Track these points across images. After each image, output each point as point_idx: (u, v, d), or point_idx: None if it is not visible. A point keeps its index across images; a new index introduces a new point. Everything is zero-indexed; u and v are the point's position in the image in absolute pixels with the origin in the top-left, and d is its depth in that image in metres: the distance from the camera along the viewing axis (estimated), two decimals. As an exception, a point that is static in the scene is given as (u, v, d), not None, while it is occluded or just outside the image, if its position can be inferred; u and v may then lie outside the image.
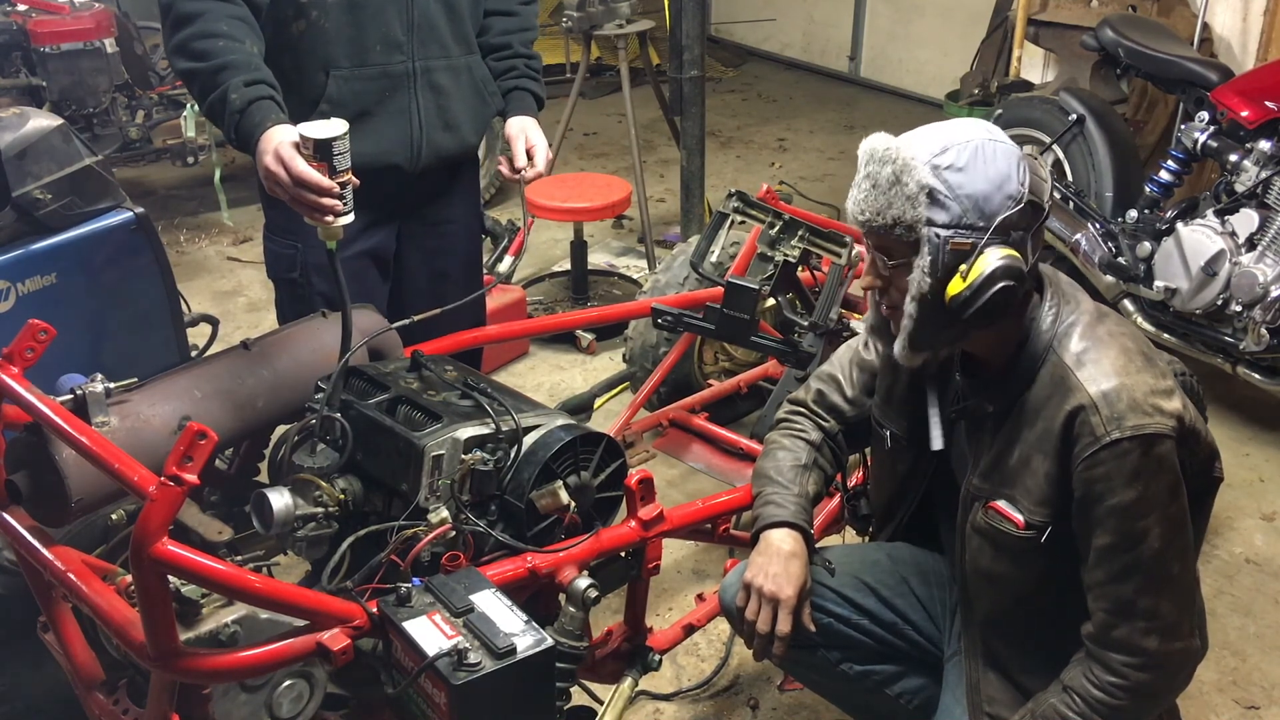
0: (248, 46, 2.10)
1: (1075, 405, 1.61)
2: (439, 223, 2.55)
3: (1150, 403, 1.59)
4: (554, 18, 6.20)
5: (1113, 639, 1.65)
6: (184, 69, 2.12)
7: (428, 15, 2.32)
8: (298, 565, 2.11)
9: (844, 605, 1.96)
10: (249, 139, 2.03)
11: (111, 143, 4.90)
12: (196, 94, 2.13)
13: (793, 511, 1.90)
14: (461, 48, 2.40)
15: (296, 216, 1.97)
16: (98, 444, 1.57)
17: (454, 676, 1.44)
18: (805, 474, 1.97)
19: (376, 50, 2.27)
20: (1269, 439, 3.57)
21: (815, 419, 2.06)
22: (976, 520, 1.76)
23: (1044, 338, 1.68)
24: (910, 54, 7.02)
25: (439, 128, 2.38)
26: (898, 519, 2.02)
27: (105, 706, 1.79)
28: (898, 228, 1.60)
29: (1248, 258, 3.26)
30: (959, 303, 1.59)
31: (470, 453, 1.82)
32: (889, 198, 1.59)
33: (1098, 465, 1.59)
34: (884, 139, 1.62)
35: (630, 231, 5.18)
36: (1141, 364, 1.64)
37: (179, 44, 2.11)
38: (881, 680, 2.00)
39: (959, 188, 1.57)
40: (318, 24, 2.23)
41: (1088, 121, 3.80)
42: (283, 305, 2.52)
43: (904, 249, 1.62)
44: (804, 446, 2.01)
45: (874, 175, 1.60)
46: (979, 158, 1.58)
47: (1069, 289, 1.73)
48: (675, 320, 2.59)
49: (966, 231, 1.58)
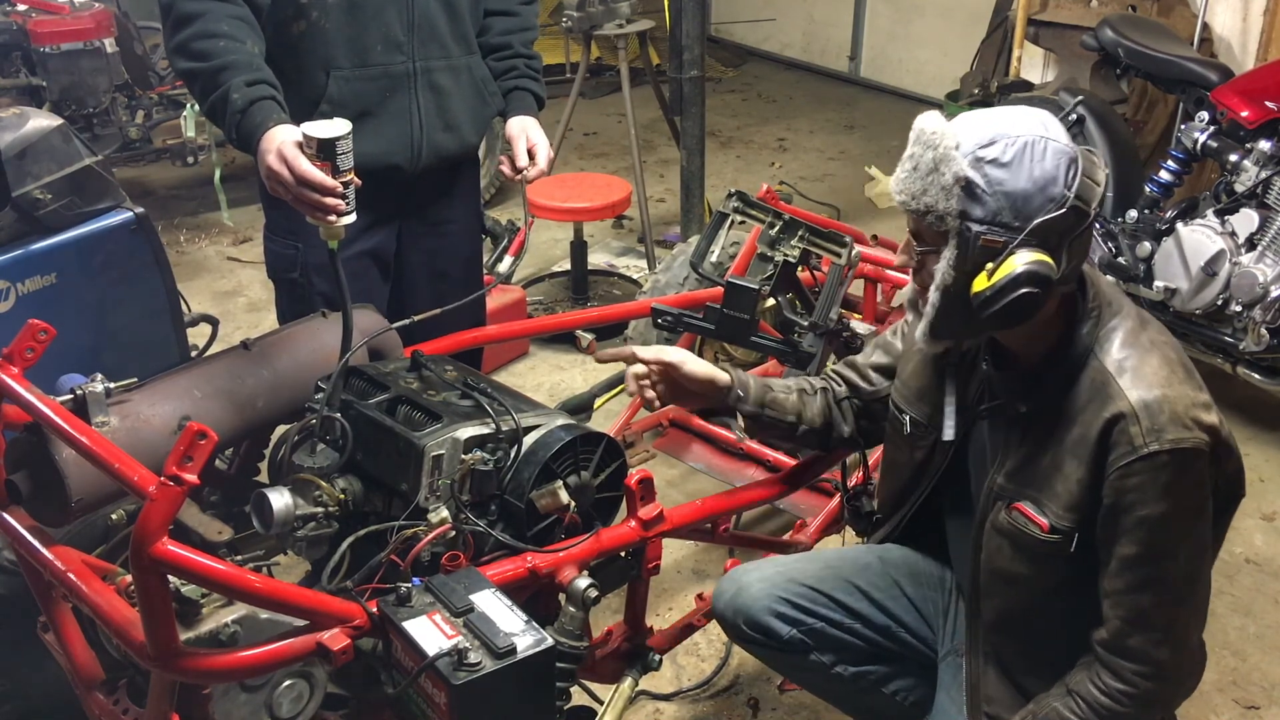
0: (249, 46, 2.10)
1: (1115, 413, 1.59)
2: (439, 223, 2.55)
3: (1190, 416, 1.57)
4: (554, 18, 6.20)
5: (1126, 647, 1.64)
6: (185, 69, 2.12)
7: (428, 15, 2.32)
8: (298, 565, 2.11)
9: (836, 609, 1.96)
10: (250, 139, 2.02)
11: (111, 143, 4.90)
12: (197, 94, 2.13)
13: (735, 372, 2.00)
14: (462, 48, 2.40)
15: (297, 216, 1.97)
16: (98, 444, 1.57)
17: (454, 676, 1.44)
18: (781, 387, 2.05)
19: (377, 50, 2.27)
20: (1269, 439, 3.57)
21: (828, 380, 2.12)
22: (998, 520, 1.74)
23: (1085, 341, 1.65)
24: (910, 54, 7.02)
25: (439, 128, 2.38)
26: (907, 508, 2.01)
27: (105, 706, 1.79)
28: (930, 215, 1.57)
29: (1248, 258, 3.26)
30: (980, 301, 1.57)
31: (470, 453, 1.82)
32: (925, 184, 1.56)
33: (1132, 475, 1.57)
34: (935, 121, 1.59)
35: (630, 231, 5.18)
36: (1183, 375, 1.62)
37: (179, 44, 2.10)
38: (876, 680, 2.00)
39: (999, 184, 1.53)
40: (318, 24, 2.23)
41: (1088, 121, 3.79)
42: (283, 305, 2.52)
43: (935, 237, 1.60)
44: (801, 382, 2.10)
45: (916, 157, 1.58)
46: (1026, 155, 1.53)
47: (1111, 292, 1.71)
48: (675, 320, 2.59)
49: (1000, 230, 1.54)
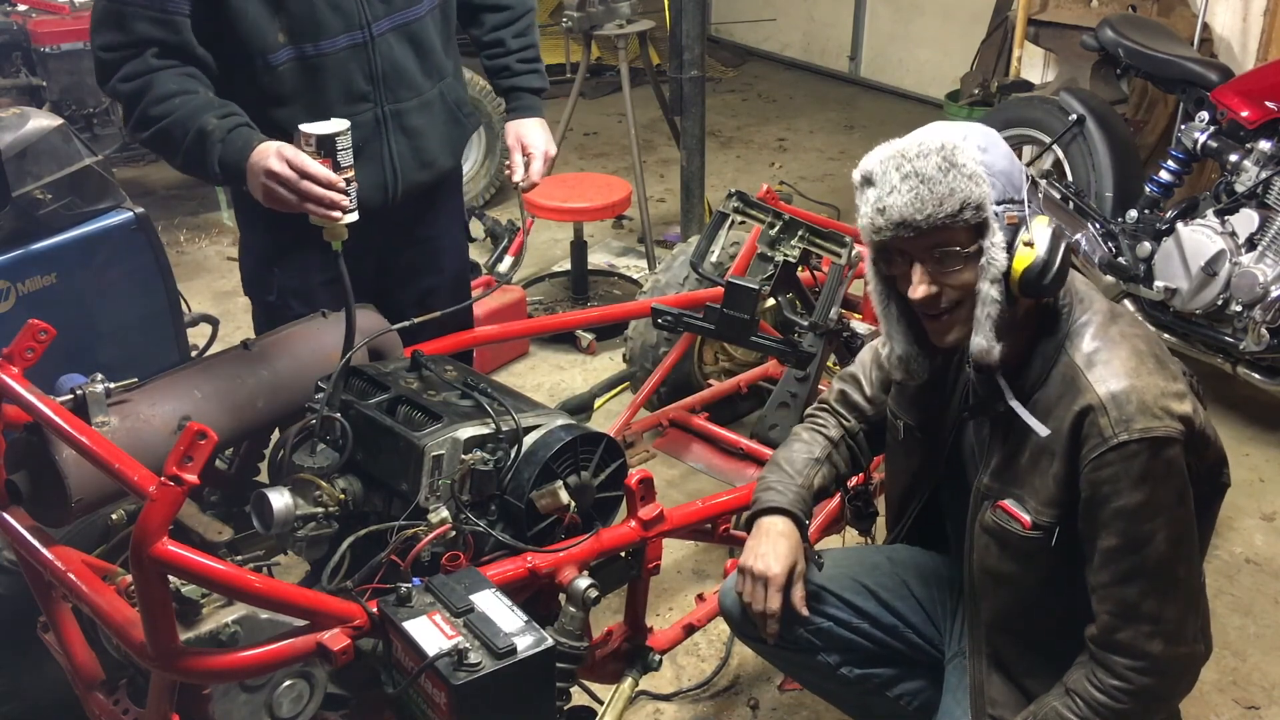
0: (204, 94, 2.02)
1: (1084, 405, 1.60)
2: (423, 240, 2.47)
3: (1160, 405, 1.58)
4: (554, 18, 6.21)
5: (1116, 642, 1.64)
6: (149, 137, 2.02)
7: (393, 61, 2.21)
8: (298, 565, 2.11)
9: (844, 609, 1.96)
10: (238, 162, 1.95)
11: (111, 143, 4.91)
12: (170, 151, 2.03)
13: (789, 499, 1.91)
14: (432, 80, 2.30)
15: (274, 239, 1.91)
16: (98, 444, 1.57)
17: (454, 676, 1.44)
18: (816, 467, 1.98)
19: (339, 105, 2.15)
20: (1269, 439, 3.57)
21: (838, 416, 2.07)
22: (985, 519, 1.76)
23: (1056, 337, 1.68)
24: (910, 54, 7.02)
25: (415, 168, 2.31)
26: (909, 513, 2.02)
27: (105, 706, 1.79)
28: (965, 210, 1.57)
29: (1248, 258, 3.26)
30: (1035, 272, 1.58)
31: (470, 453, 1.82)
32: (949, 184, 1.56)
33: (1105, 466, 1.59)
34: (901, 142, 1.61)
35: (630, 231, 5.18)
36: (1153, 366, 1.63)
37: (137, 120, 2.01)
38: (881, 683, 2.00)
39: (993, 165, 1.59)
40: (272, 89, 2.12)
41: (1088, 121, 3.80)
42: (259, 323, 2.43)
43: (967, 236, 1.60)
44: (821, 441, 2.02)
45: (918, 172, 1.57)
46: (989, 140, 1.62)
47: (1084, 288, 1.73)
48: (675, 320, 2.59)
49: (1012, 206, 1.60)
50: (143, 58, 2.00)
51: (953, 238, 1.60)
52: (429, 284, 2.51)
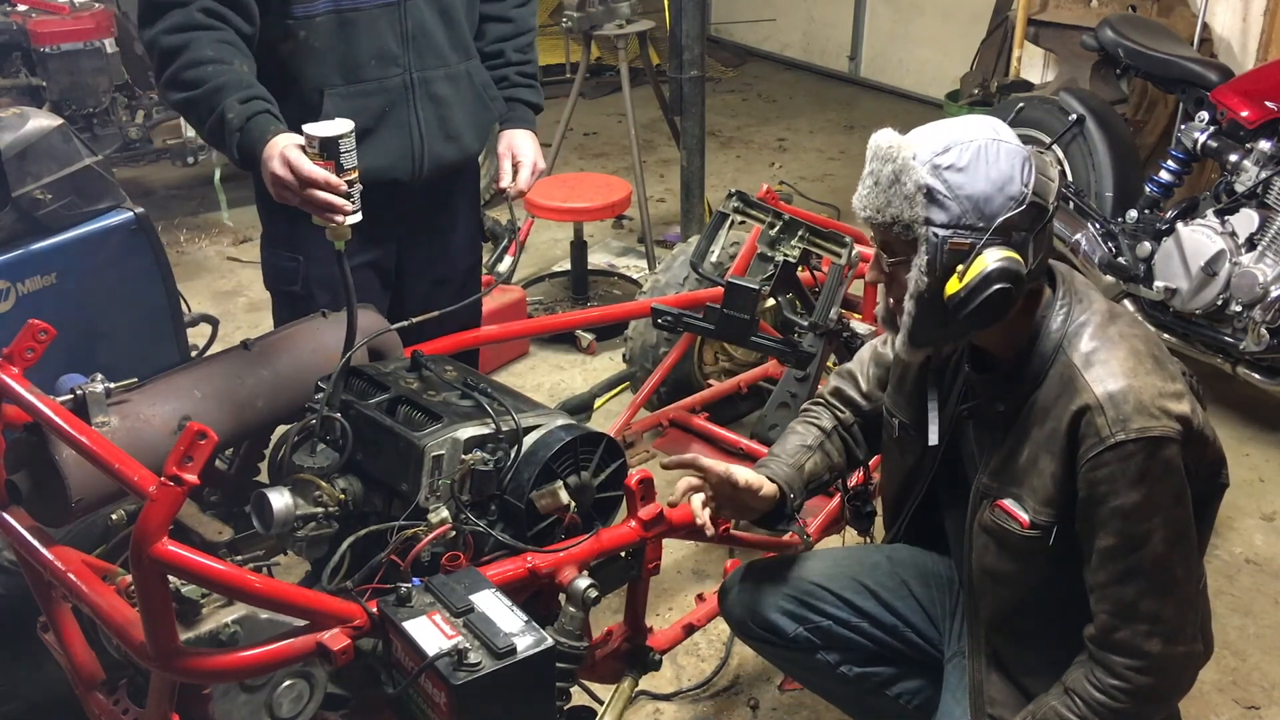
0: (237, 67, 2.06)
1: (1081, 405, 1.61)
2: (441, 230, 2.52)
3: (1157, 405, 1.59)
4: (554, 18, 6.20)
5: (1114, 641, 1.64)
6: (178, 100, 2.07)
7: (423, 25, 2.27)
8: (298, 565, 2.11)
9: (843, 608, 1.97)
10: (253, 153, 1.99)
11: (111, 143, 4.90)
12: (195, 122, 2.09)
13: (773, 471, 1.95)
14: (460, 54, 2.37)
15: (298, 228, 1.95)
16: (98, 444, 1.57)
17: (454, 676, 1.44)
18: (808, 453, 2.01)
19: (371, 65, 2.23)
20: (1269, 439, 3.57)
21: (831, 409, 2.09)
22: (983, 518, 1.76)
23: (1054, 337, 1.68)
24: (910, 54, 7.02)
25: (440, 139, 2.35)
26: (905, 512, 2.02)
27: (105, 706, 1.79)
28: (896, 226, 1.61)
29: (1248, 258, 3.26)
30: (955, 303, 1.60)
31: (470, 453, 1.82)
32: (888, 196, 1.60)
33: (1102, 466, 1.59)
34: (889, 136, 1.63)
35: (630, 231, 5.18)
36: (1151, 366, 1.63)
37: (169, 78, 2.06)
38: (881, 682, 2.00)
39: (959, 188, 1.57)
40: (307, 43, 2.18)
41: (1088, 121, 3.80)
42: (282, 317, 2.45)
43: (904, 247, 1.64)
44: (814, 431, 2.05)
45: (876, 173, 1.62)
46: (981, 158, 1.58)
47: (1082, 288, 1.73)
48: (675, 320, 2.59)
49: (966, 232, 1.58)
50: (188, 9, 2.04)
51: (892, 242, 1.66)
52: (441, 274, 2.54)
